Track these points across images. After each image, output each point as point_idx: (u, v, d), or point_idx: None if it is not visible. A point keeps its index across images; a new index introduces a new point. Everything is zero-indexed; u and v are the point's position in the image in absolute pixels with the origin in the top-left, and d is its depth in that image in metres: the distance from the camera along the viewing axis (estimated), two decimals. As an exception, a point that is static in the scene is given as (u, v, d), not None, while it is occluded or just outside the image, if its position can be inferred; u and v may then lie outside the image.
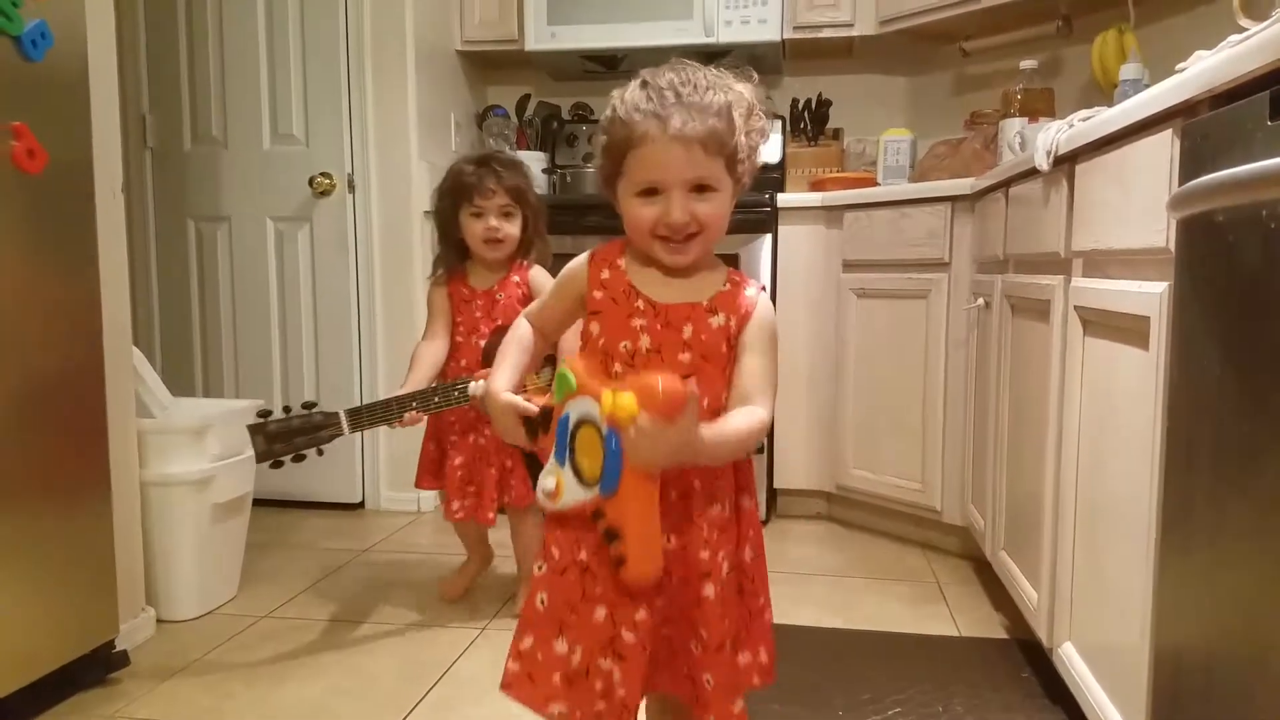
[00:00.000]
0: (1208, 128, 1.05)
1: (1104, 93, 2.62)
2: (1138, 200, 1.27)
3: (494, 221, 2.10)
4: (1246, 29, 1.07)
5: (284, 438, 1.84)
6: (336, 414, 1.89)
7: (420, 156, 3.07)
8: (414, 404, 1.95)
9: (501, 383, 1.21)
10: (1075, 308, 1.56)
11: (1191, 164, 1.08)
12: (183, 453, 2.14)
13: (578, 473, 1.07)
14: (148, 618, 2.08)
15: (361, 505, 3.20)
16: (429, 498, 3.19)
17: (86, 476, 1.80)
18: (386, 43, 3.02)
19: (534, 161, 3.41)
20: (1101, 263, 1.49)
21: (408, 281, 3.09)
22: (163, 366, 3.13)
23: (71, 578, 1.75)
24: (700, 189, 1.09)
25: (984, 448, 2.29)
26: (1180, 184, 1.09)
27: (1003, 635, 2.09)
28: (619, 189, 1.14)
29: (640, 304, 1.14)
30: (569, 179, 3.35)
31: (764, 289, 1.19)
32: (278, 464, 1.86)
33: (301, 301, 3.14)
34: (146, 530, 2.08)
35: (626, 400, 0.98)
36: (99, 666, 1.83)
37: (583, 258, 1.21)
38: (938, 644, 2.05)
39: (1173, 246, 1.15)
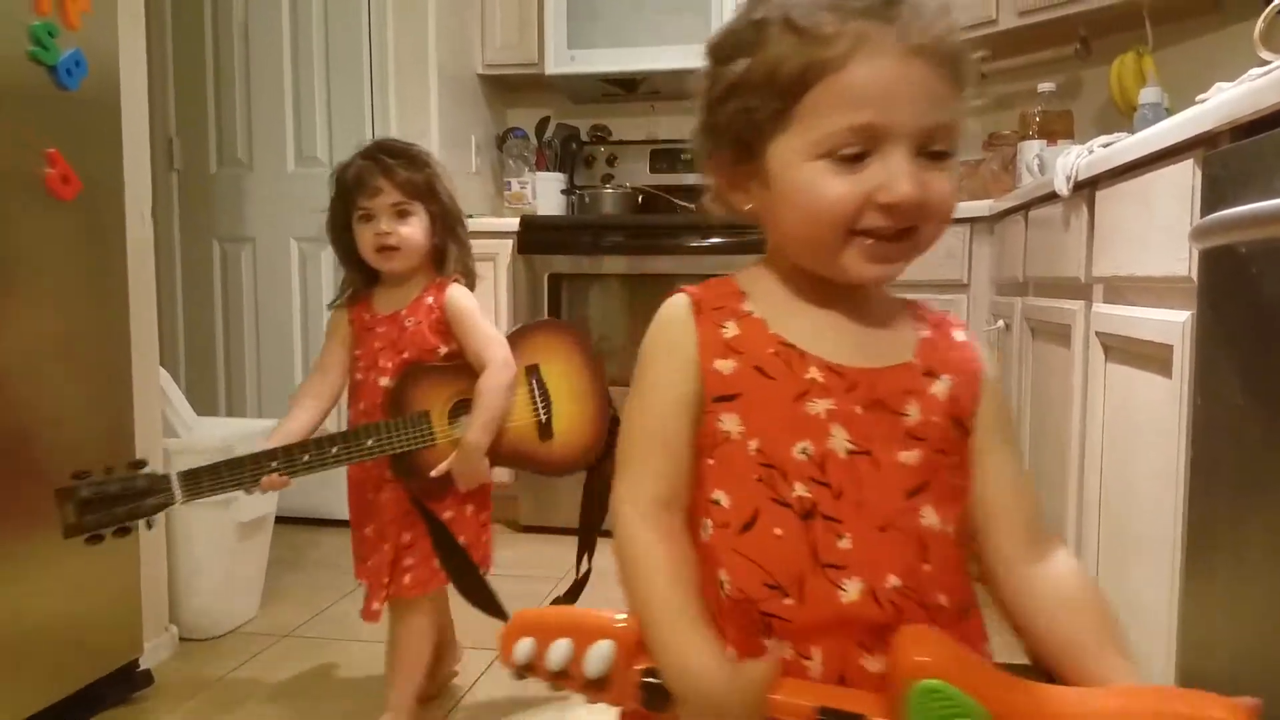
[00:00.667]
0: (1229, 158, 1.05)
1: (1122, 115, 2.63)
2: (1159, 228, 1.28)
3: (385, 225, 1.63)
4: (1267, 61, 1.08)
5: (99, 506, 1.42)
6: (167, 477, 1.47)
7: (441, 178, 3.11)
8: (274, 465, 1.52)
9: (711, 657, 0.65)
10: (1096, 333, 1.56)
11: (1213, 193, 1.09)
12: (208, 472, 2.17)
13: None
14: (171, 636, 2.10)
15: (381, 524, 3.21)
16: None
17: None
18: (409, 67, 3.06)
19: (553, 182, 3.45)
20: (1123, 289, 1.49)
21: (428, 302, 3.12)
22: (187, 386, 3.16)
23: (96, 597, 1.78)
24: (934, 154, 0.66)
25: (1004, 470, 2.29)
26: (1202, 213, 1.10)
27: (1024, 661, 2.08)
28: (776, 155, 0.68)
29: (815, 373, 0.68)
30: (587, 199, 3.38)
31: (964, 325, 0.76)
32: (95, 538, 1.41)
33: (324, 322, 3.16)
34: (170, 549, 2.10)
35: None
36: (123, 685, 1.85)
37: (676, 312, 0.73)
38: (958, 667, 2.04)
39: (1195, 275, 1.16)
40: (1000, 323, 2.32)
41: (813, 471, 0.66)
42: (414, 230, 1.65)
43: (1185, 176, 1.19)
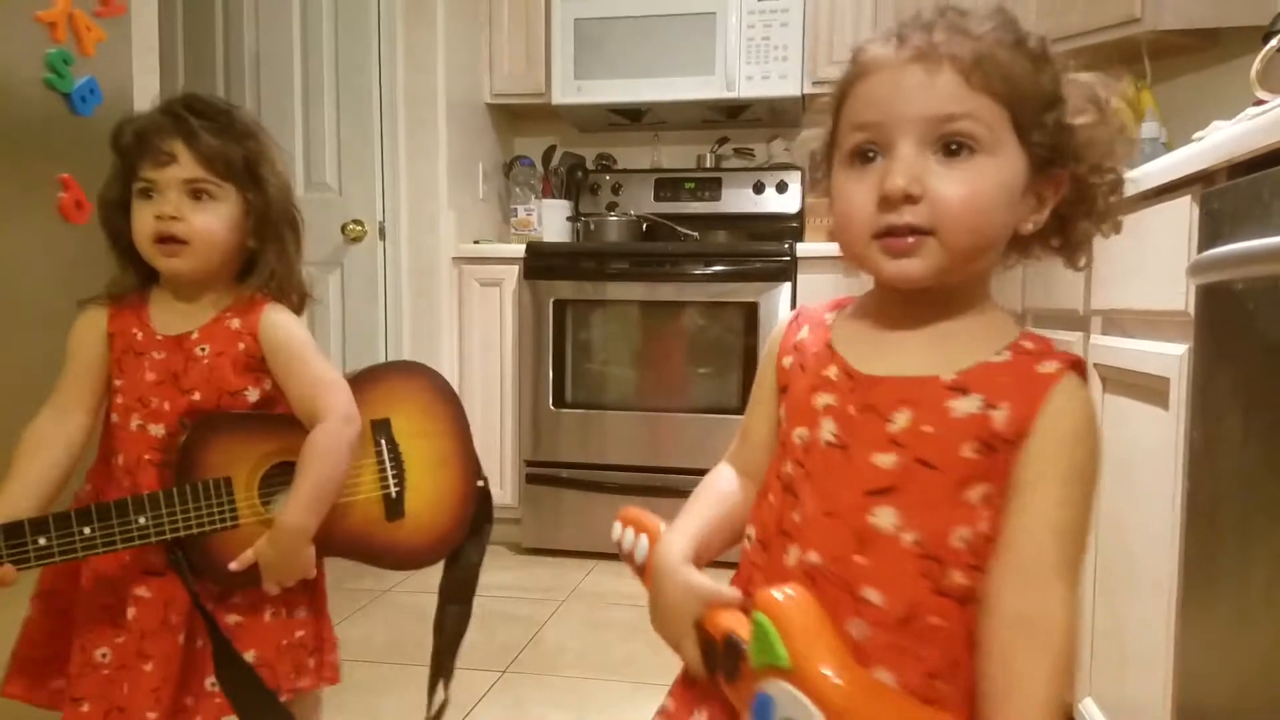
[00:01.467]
0: (1226, 196, 1.07)
1: (1122, 149, 2.65)
2: (1157, 262, 1.30)
3: (171, 206, 1.15)
4: (1264, 100, 1.10)
5: None
6: None
7: (449, 204, 3.14)
8: (2, 551, 1.04)
9: (679, 545, 0.78)
10: (1094, 365, 1.58)
11: (1210, 230, 1.11)
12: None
13: None
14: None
15: (383, 548, 3.21)
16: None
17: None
18: (418, 95, 3.10)
19: (559, 209, 3.49)
20: (1121, 321, 1.51)
21: (435, 326, 3.14)
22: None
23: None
24: (952, 148, 0.67)
25: (1005, 500, 2.29)
26: (1200, 248, 1.12)
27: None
28: (833, 171, 0.75)
29: (832, 372, 0.74)
30: (593, 226, 3.41)
31: (1077, 366, 0.71)
32: None
33: (331, 345, 3.19)
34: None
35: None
36: (126, 707, 1.85)
37: (784, 319, 0.84)
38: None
39: (1192, 310, 1.18)
40: (1001, 353, 2.33)
41: (799, 454, 0.74)
42: (214, 221, 1.16)
43: (1183, 212, 1.21)
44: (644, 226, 3.39)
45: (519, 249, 3.09)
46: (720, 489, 0.83)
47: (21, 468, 1.15)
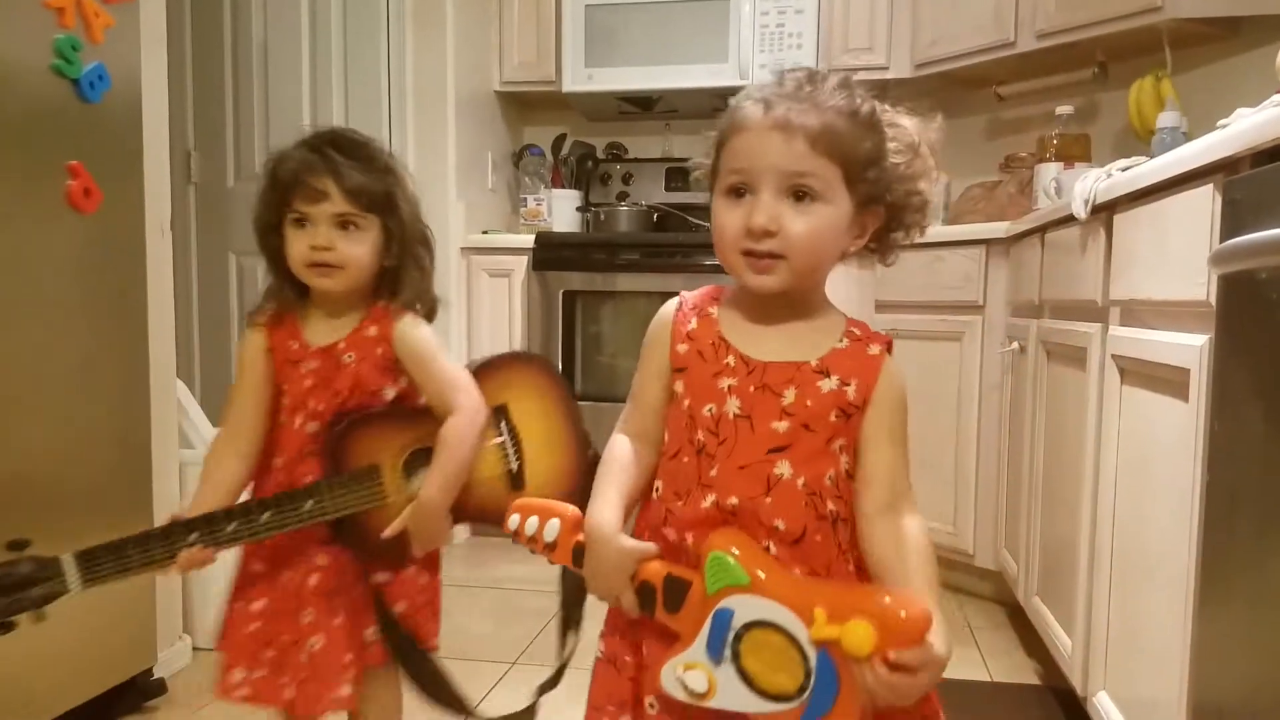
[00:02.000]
0: (1249, 185, 1.05)
1: (1140, 139, 2.62)
2: (1178, 252, 1.28)
3: (324, 238, 1.29)
4: (1287, 87, 1.08)
5: None
6: (57, 561, 1.22)
7: (458, 195, 3.13)
8: (193, 538, 1.25)
9: (609, 516, 0.95)
10: (1113, 356, 1.56)
11: (1232, 219, 1.09)
12: (222, 484, 2.17)
13: (746, 678, 0.87)
14: (185, 646, 2.10)
15: (393, 538, 3.21)
16: (459, 529, 3.21)
17: (130, 505, 1.83)
18: (427, 84, 3.08)
19: (569, 199, 3.47)
20: (1140, 312, 1.49)
21: (443, 318, 3.07)
22: (202, 398, 3.18)
23: (112, 606, 1.78)
24: (799, 194, 0.89)
25: (1018, 493, 2.28)
26: (1221, 238, 1.10)
27: (1035, 681, 2.07)
28: (714, 193, 0.96)
29: (730, 360, 0.94)
30: (603, 217, 3.39)
31: (889, 345, 0.97)
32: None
33: (339, 335, 3.19)
34: (184, 560, 2.11)
35: (862, 634, 0.81)
36: (137, 694, 1.86)
37: (666, 307, 1.02)
38: (969, 689, 2.03)
39: (1213, 300, 1.15)
40: (1015, 345, 2.31)
41: (710, 424, 0.94)
42: (361, 249, 1.31)
43: (1205, 201, 1.19)
44: (655, 217, 3.37)
45: (528, 240, 3.08)
46: (624, 462, 1.00)
47: (213, 471, 1.35)
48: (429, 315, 1.42)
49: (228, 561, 1.33)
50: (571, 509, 1.01)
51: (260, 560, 1.37)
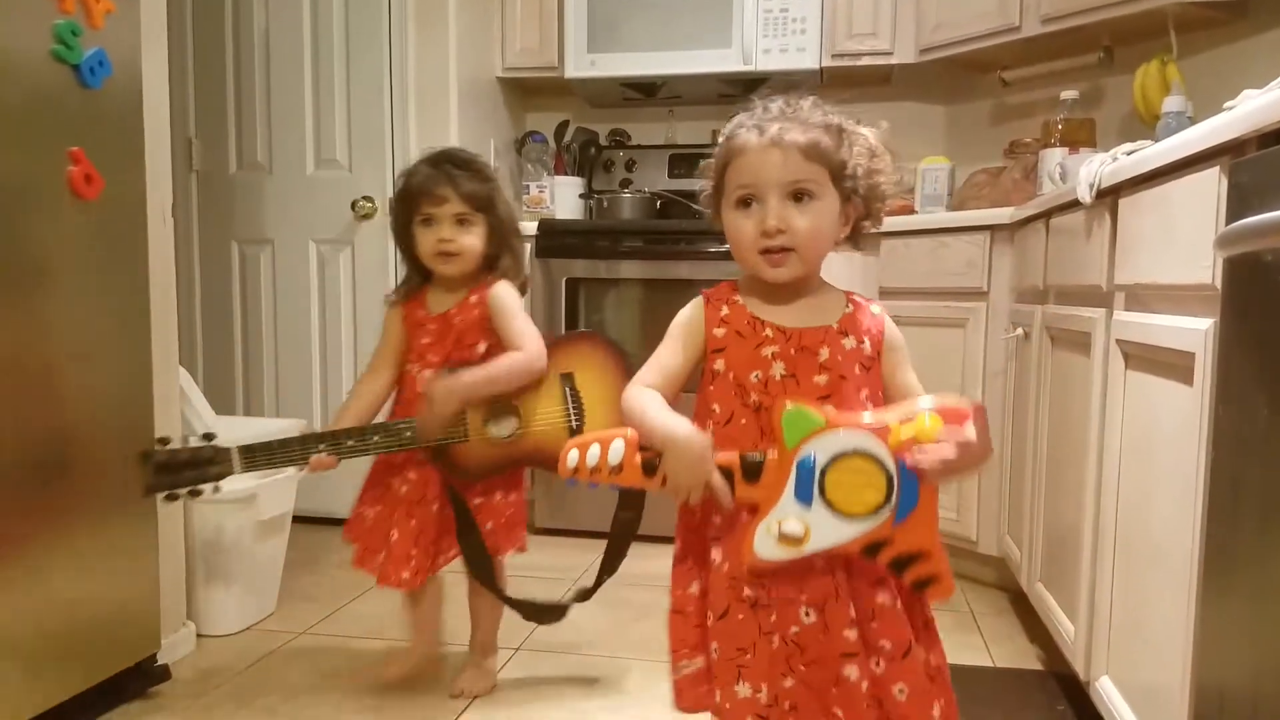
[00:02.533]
0: (1256, 167, 1.04)
1: (1145, 124, 2.61)
2: (1183, 236, 1.27)
3: (447, 232, 1.75)
4: (1294, 68, 1.07)
5: (172, 470, 1.67)
6: (229, 451, 1.69)
7: (460, 181, 3.12)
8: (321, 446, 1.72)
9: (682, 420, 1.11)
10: (1117, 341, 1.55)
11: (1239, 202, 1.08)
12: (226, 471, 2.18)
13: (837, 510, 1.04)
14: (189, 632, 2.11)
15: (396, 525, 3.22)
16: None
17: (132, 493, 1.83)
18: (429, 70, 3.07)
19: (571, 187, 3.46)
20: (1145, 297, 1.48)
21: (446, 304, 3.13)
22: (205, 385, 3.18)
23: (116, 592, 1.79)
24: (798, 196, 1.11)
25: (1021, 479, 2.28)
26: (1227, 221, 1.09)
27: (1038, 667, 2.07)
28: (721, 208, 1.17)
29: (769, 332, 1.14)
30: (605, 204, 3.38)
31: (883, 307, 1.22)
32: (172, 496, 1.70)
33: (342, 323, 3.19)
34: (189, 546, 2.12)
35: (931, 422, 1.03)
36: (141, 680, 1.86)
37: (695, 302, 1.20)
38: (973, 675, 2.03)
39: (1219, 283, 1.15)
40: (1019, 330, 2.31)
41: (759, 388, 1.13)
42: (473, 239, 1.77)
43: (1210, 184, 1.18)
44: (658, 204, 3.36)
45: (531, 227, 3.07)
46: (655, 394, 1.16)
47: (351, 403, 1.84)
48: (520, 290, 1.85)
49: (229, 550, 1.36)
50: (629, 431, 1.13)
51: (377, 473, 1.85)
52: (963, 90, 3.40)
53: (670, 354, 1.19)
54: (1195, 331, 1.21)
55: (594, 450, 1.12)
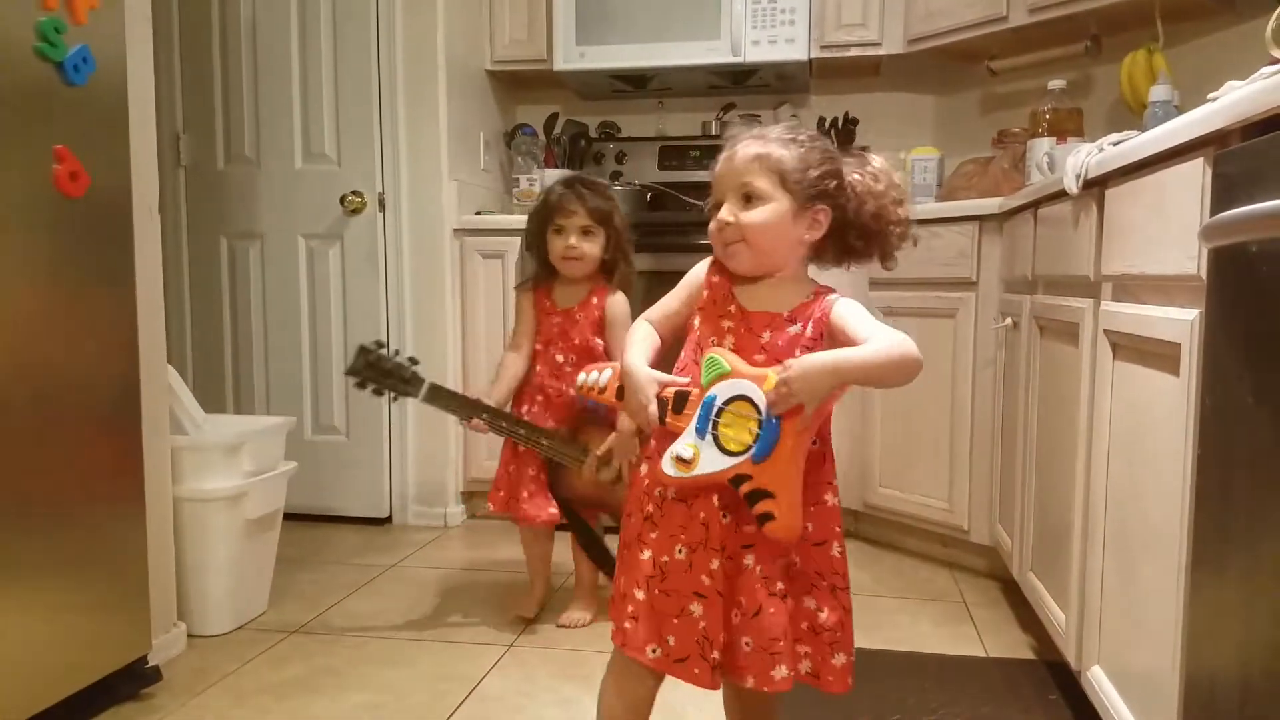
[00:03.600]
0: (1239, 157, 1.05)
1: (1133, 113, 2.61)
2: (1169, 226, 1.27)
3: (573, 239, 2.17)
4: (1279, 60, 1.07)
5: (374, 367, 2.04)
6: (422, 380, 2.07)
7: (450, 175, 3.11)
8: (484, 415, 2.12)
9: (638, 358, 1.34)
10: (1105, 331, 1.56)
11: (1223, 192, 1.08)
12: (216, 469, 2.17)
13: (720, 445, 1.22)
14: (180, 633, 2.10)
15: (389, 520, 3.23)
16: (455, 513, 3.21)
17: (121, 492, 1.83)
18: (418, 63, 3.06)
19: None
20: (1132, 287, 1.48)
21: (438, 298, 3.12)
22: (194, 382, 3.17)
23: (106, 593, 1.78)
24: (748, 198, 1.26)
25: (1012, 468, 2.28)
26: (1212, 212, 1.09)
27: (1030, 656, 2.08)
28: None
29: (732, 308, 1.31)
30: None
31: (839, 295, 1.31)
32: (361, 385, 2.04)
33: (332, 318, 3.18)
34: (179, 546, 2.11)
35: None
36: (132, 681, 1.86)
37: (703, 263, 1.38)
38: (965, 665, 2.04)
39: (1204, 274, 1.15)
40: (1008, 320, 2.31)
41: (684, 383, 1.29)
42: (594, 247, 2.19)
43: (1196, 175, 1.18)
44: (649, 196, 3.35)
45: (522, 220, 3.04)
46: (646, 333, 1.38)
47: (498, 379, 2.27)
48: (628, 291, 2.26)
49: (219, 549, 1.31)
50: (617, 365, 1.39)
51: (512, 444, 2.25)
52: (951, 80, 3.40)
53: (675, 298, 1.40)
54: (1181, 322, 1.22)
55: (594, 374, 1.39)
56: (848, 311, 1.26)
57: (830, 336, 1.26)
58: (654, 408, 1.29)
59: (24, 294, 1.59)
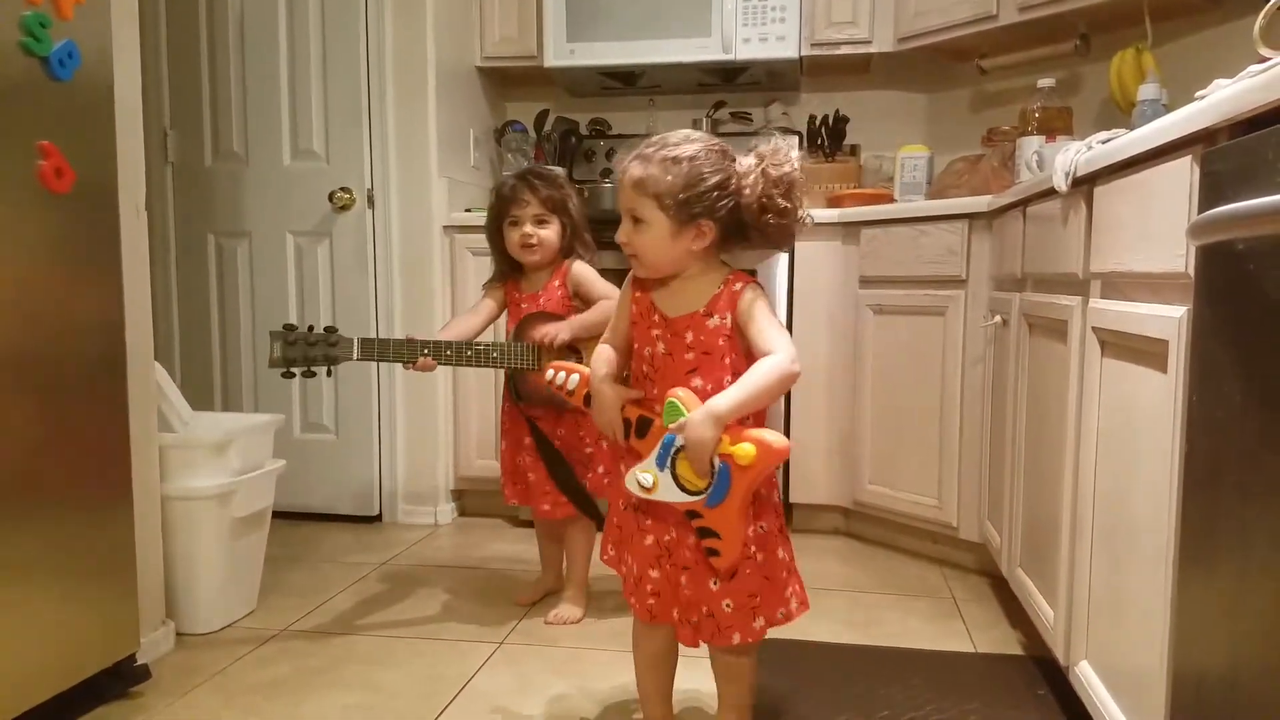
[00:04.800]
0: (1227, 155, 1.05)
1: (1122, 111, 2.62)
2: (1157, 224, 1.28)
3: (529, 228, 2.20)
4: (1267, 59, 1.07)
5: (298, 348, 2.02)
6: (350, 340, 2.05)
7: (440, 172, 3.10)
8: (426, 351, 2.08)
9: (605, 374, 1.51)
10: (1093, 328, 1.56)
11: (1211, 190, 1.09)
12: (204, 467, 2.16)
13: (678, 481, 1.40)
14: (168, 631, 2.09)
15: (379, 518, 3.22)
16: (446, 511, 3.21)
17: (109, 491, 1.82)
18: (407, 60, 3.05)
19: (551, 177, 3.44)
20: (1120, 285, 1.49)
21: (427, 296, 3.11)
22: (183, 380, 3.16)
23: (93, 592, 1.77)
24: (635, 220, 1.44)
25: (1001, 465, 2.29)
26: (1200, 210, 1.09)
27: (1019, 652, 2.09)
28: None
29: (656, 318, 1.47)
30: (586, 194, 3.35)
31: (751, 279, 1.47)
32: (289, 374, 2.02)
33: (321, 316, 3.16)
34: (167, 544, 2.10)
35: (748, 450, 1.35)
36: (121, 680, 1.85)
37: (626, 281, 1.54)
38: (954, 661, 2.04)
39: (1192, 271, 1.15)
40: (997, 318, 2.32)
41: (647, 361, 1.48)
42: (551, 234, 2.22)
43: (1184, 173, 1.18)
44: (638, 193, 3.35)
45: (512, 217, 3.05)
46: (610, 359, 1.53)
47: (452, 325, 2.30)
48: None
49: (207, 547, 1.30)
50: (587, 370, 1.54)
51: (505, 430, 2.34)
52: (941, 79, 3.41)
53: (619, 317, 1.56)
54: (1169, 319, 1.22)
55: (563, 375, 1.56)
56: (748, 313, 1.43)
57: (737, 329, 1.43)
58: (616, 427, 1.48)
59: (8, 290, 1.57)
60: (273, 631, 2.22)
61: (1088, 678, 1.56)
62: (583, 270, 2.24)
